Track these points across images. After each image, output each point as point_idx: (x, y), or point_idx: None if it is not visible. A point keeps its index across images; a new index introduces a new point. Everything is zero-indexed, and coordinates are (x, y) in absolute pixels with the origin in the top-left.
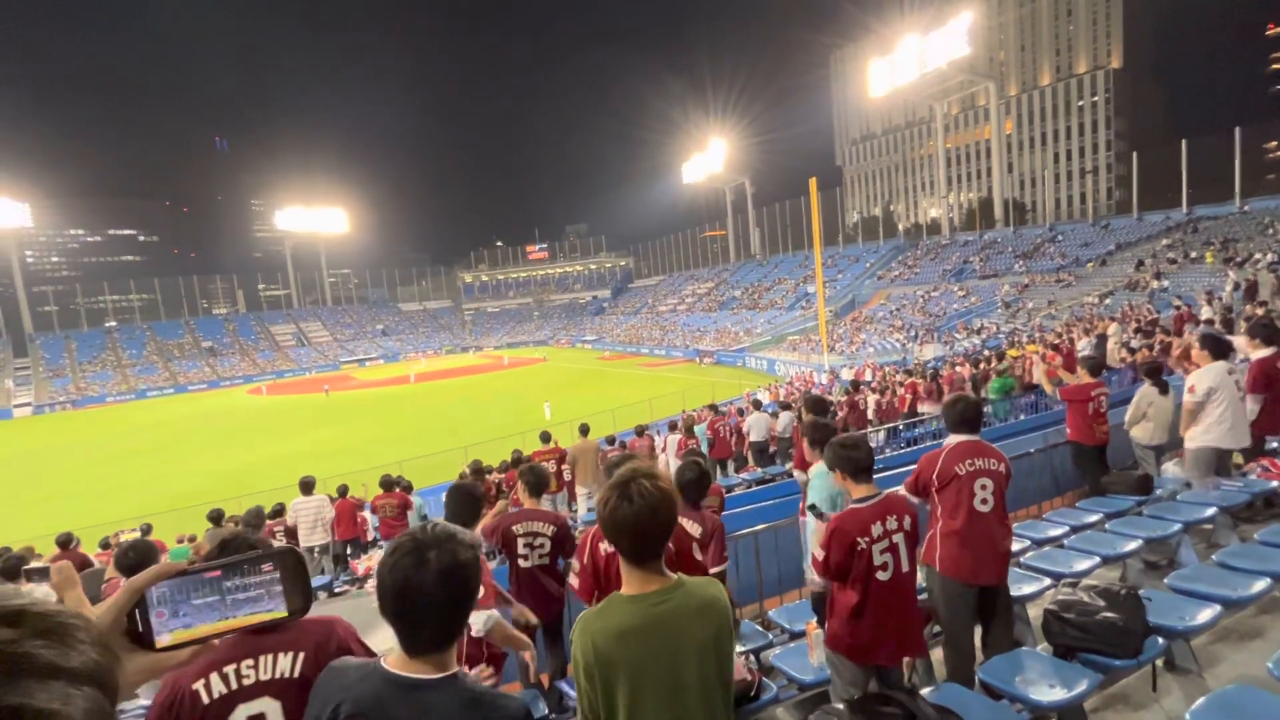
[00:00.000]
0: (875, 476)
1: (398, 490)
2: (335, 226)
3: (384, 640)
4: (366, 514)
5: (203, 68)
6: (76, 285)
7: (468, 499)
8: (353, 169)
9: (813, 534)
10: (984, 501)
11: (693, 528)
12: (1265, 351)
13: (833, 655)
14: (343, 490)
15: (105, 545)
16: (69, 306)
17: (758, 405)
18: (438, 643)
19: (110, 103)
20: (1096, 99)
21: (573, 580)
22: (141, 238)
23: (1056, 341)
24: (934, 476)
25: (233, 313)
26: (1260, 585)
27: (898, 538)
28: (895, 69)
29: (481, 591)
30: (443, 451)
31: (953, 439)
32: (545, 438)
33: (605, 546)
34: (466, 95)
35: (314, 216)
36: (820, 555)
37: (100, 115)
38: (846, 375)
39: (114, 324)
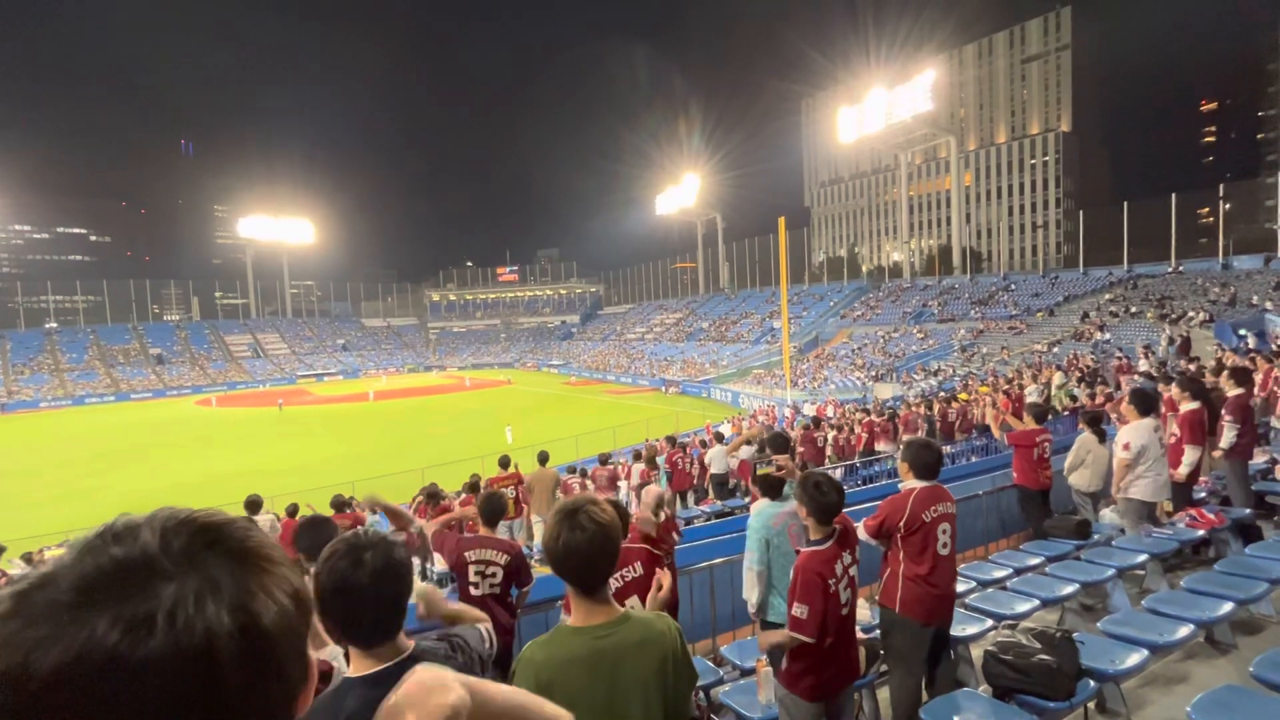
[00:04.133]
0: None
1: (350, 511)
2: (300, 237)
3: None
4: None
5: (171, 69)
6: (17, 283)
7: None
8: (321, 179)
9: (753, 584)
10: (944, 546)
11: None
12: (1193, 405)
13: (788, 697)
14: (292, 510)
15: (28, 560)
16: (7, 305)
17: (719, 438)
18: (389, 632)
19: (67, 95)
20: (1048, 158)
21: None
22: (93, 237)
23: (1006, 387)
24: (901, 524)
25: (185, 320)
26: (1185, 631)
27: (853, 570)
28: (863, 118)
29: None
30: (399, 473)
31: (914, 484)
32: (504, 462)
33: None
34: (442, 111)
35: (279, 226)
36: (803, 614)
37: (54, 107)
38: (808, 411)
39: (54, 325)
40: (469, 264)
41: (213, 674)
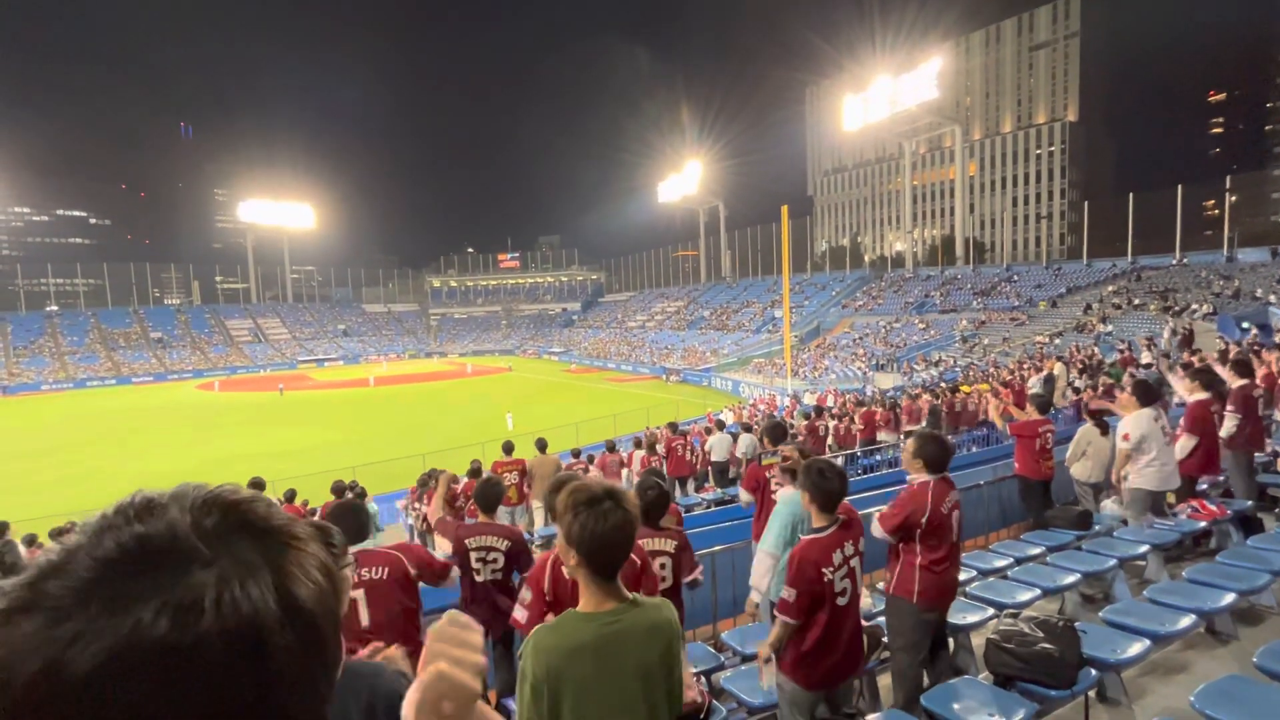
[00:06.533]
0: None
1: (349, 495)
2: (301, 222)
3: None
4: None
5: (171, 51)
6: (17, 266)
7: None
8: (322, 163)
9: (769, 569)
10: (957, 534)
11: (665, 543)
12: (1203, 395)
13: (787, 683)
14: (290, 495)
15: (30, 543)
16: (8, 288)
17: (720, 426)
18: None
19: (67, 77)
20: (1053, 149)
21: (519, 614)
22: (92, 220)
23: (1009, 378)
24: (924, 520)
25: (186, 304)
26: (1186, 621)
27: (854, 562)
28: (868, 107)
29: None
30: (399, 458)
31: (927, 477)
32: (508, 448)
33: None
34: (444, 95)
35: (279, 210)
36: (790, 597)
37: (54, 89)
38: (809, 400)
39: (55, 308)
40: (470, 250)
41: (262, 655)
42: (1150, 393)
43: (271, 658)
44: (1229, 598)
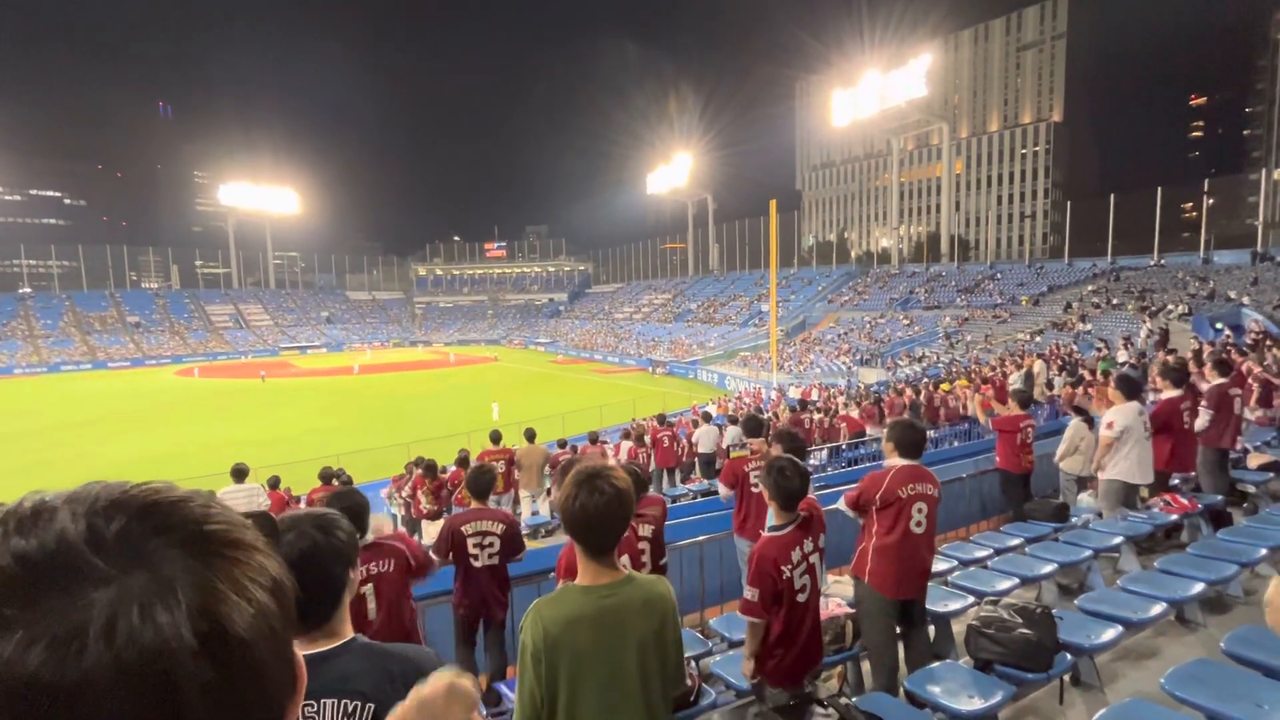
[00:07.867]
0: (818, 494)
1: (335, 484)
2: (284, 206)
3: None
4: (303, 506)
5: (148, 28)
6: None
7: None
8: (306, 147)
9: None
10: (919, 524)
11: (644, 529)
12: (1173, 393)
13: (758, 678)
14: (274, 481)
15: None
16: None
17: (707, 418)
18: (323, 616)
19: (39, 53)
20: (1038, 149)
21: None
22: (67, 200)
23: (990, 374)
24: (877, 497)
25: (165, 288)
26: (1157, 609)
27: (814, 558)
28: (857, 102)
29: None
30: (384, 447)
31: (898, 462)
32: (495, 438)
33: None
34: (432, 83)
35: (261, 194)
36: (753, 597)
37: (27, 65)
38: (793, 394)
39: (28, 290)
40: (456, 239)
41: (171, 697)
42: (1134, 387)
43: (186, 700)
44: (1198, 587)
